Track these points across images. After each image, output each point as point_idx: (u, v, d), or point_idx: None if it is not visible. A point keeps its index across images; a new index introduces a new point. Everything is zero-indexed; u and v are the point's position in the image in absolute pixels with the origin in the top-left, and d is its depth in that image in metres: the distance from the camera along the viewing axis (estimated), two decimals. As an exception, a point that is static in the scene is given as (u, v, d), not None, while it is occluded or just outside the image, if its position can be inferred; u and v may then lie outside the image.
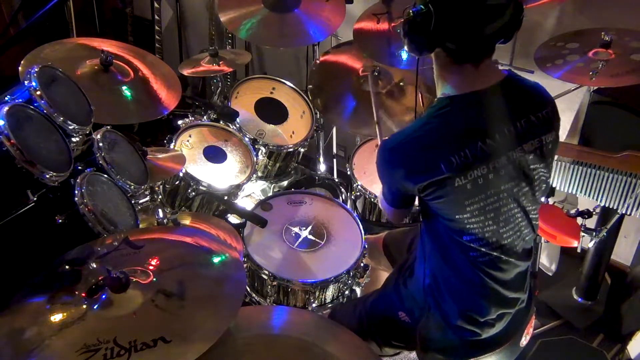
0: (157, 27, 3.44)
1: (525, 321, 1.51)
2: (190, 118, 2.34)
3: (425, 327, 1.48)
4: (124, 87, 1.93)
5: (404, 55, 2.17)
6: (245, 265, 1.92)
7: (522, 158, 1.29)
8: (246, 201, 2.44)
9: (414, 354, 1.65)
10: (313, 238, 2.01)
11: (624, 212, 2.01)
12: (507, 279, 1.40)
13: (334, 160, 2.86)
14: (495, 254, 1.35)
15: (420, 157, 1.27)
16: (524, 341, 1.54)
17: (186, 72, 2.42)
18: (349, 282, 1.95)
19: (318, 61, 2.47)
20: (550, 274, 2.58)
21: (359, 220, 2.07)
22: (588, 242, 2.24)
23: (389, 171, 1.35)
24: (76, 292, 1.14)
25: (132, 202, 1.53)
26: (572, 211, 2.13)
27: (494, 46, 1.25)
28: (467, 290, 1.39)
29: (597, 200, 2.03)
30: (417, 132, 1.28)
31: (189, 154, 2.23)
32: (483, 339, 1.44)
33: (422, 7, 1.20)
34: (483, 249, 1.34)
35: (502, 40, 1.24)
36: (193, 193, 2.15)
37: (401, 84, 2.40)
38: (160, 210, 1.74)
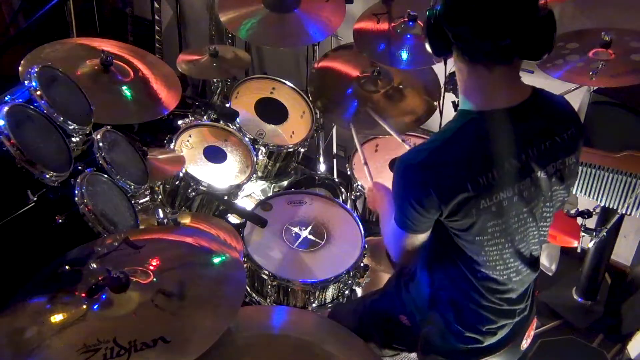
0: (157, 27, 3.44)
1: (526, 325, 1.50)
2: (190, 118, 2.34)
3: (427, 331, 1.47)
4: (124, 87, 1.93)
5: (404, 55, 2.17)
6: (245, 265, 1.92)
7: (544, 180, 1.25)
8: (246, 201, 2.44)
9: (413, 355, 1.65)
10: (313, 238, 2.01)
11: (624, 212, 2.01)
12: (512, 295, 1.39)
13: (334, 160, 2.86)
14: (506, 273, 1.33)
15: (448, 176, 1.19)
16: (524, 344, 1.52)
17: (184, 64, 2.41)
18: (349, 282, 1.95)
19: (316, 65, 2.46)
20: (550, 274, 2.58)
21: (359, 221, 2.07)
22: (588, 242, 2.24)
23: (413, 191, 1.23)
24: (76, 292, 1.14)
25: (132, 202, 1.53)
26: (572, 211, 2.13)
27: (510, 52, 1.16)
28: (471, 304, 1.37)
29: (597, 200, 2.03)
30: (442, 150, 1.20)
31: (189, 154, 2.23)
32: (484, 346, 1.43)
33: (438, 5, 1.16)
34: (496, 269, 1.32)
35: (520, 53, 1.16)
36: (193, 193, 2.15)
37: (400, 86, 2.40)
38: (160, 210, 1.74)
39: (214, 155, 2.28)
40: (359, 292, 2.00)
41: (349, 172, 2.38)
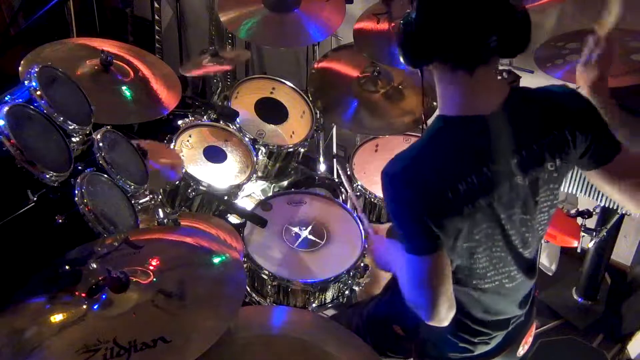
0: (157, 27, 3.44)
1: (523, 332, 1.47)
2: (190, 118, 2.34)
3: (420, 339, 1.47)
4: (124, 87, 1.93)
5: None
6: (245, 265, 1.92)
7: (533, 182, 1.21)
8: (246, 201, 2.44)
9: (410, 359, 1.65)
10: (313, 238, 2.01)
11: (624, 212, 2.01)
12: (506, 307, 1.36)
13: (334, 160, 2.86)
14: (498, 279, 1.30)
15: (430, 183, 1.15)
16: (521, 351, 1.49)
17: (188, 73, 2.42)
18: (349, 282, 1.95)
19: (316, 66, 2.46)
20: (550, 274, 2.58)
21: (359, 220, 2.07)
22: (588, 242, 2.24)
23: (405, 199, 1.17)
24: (76, 292, 1.14)
25: (132, 202, 1.53)
26: (572, 211, 2.13)
27: (489, 53, 1.14)
28: (464, 319, 1.35)
29: (597, 200, 2.03)
30: (422, 156, 1.17)
31: (189, 154, 2.23)
32: (477, 354, 1.41)
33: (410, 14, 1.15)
34: (487, 277, 1.28)
35: (500, 51, 1.16)
36: (193, 193, 2.15)
37: (400, 87, 2.39)
38: (160, 210, 1.74)
39: (214, 155, 2.28)
40: (359, 292, 2.00)
41: (349, 172, 2.38)
